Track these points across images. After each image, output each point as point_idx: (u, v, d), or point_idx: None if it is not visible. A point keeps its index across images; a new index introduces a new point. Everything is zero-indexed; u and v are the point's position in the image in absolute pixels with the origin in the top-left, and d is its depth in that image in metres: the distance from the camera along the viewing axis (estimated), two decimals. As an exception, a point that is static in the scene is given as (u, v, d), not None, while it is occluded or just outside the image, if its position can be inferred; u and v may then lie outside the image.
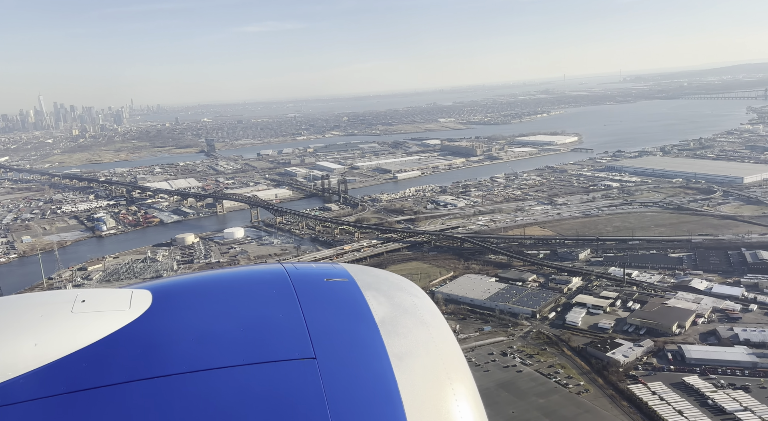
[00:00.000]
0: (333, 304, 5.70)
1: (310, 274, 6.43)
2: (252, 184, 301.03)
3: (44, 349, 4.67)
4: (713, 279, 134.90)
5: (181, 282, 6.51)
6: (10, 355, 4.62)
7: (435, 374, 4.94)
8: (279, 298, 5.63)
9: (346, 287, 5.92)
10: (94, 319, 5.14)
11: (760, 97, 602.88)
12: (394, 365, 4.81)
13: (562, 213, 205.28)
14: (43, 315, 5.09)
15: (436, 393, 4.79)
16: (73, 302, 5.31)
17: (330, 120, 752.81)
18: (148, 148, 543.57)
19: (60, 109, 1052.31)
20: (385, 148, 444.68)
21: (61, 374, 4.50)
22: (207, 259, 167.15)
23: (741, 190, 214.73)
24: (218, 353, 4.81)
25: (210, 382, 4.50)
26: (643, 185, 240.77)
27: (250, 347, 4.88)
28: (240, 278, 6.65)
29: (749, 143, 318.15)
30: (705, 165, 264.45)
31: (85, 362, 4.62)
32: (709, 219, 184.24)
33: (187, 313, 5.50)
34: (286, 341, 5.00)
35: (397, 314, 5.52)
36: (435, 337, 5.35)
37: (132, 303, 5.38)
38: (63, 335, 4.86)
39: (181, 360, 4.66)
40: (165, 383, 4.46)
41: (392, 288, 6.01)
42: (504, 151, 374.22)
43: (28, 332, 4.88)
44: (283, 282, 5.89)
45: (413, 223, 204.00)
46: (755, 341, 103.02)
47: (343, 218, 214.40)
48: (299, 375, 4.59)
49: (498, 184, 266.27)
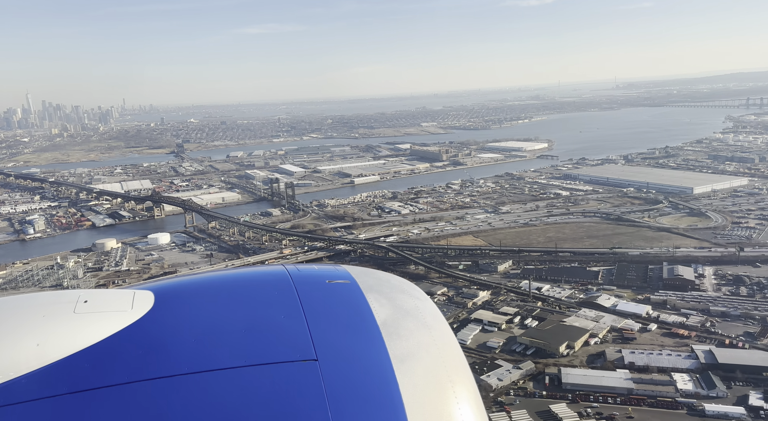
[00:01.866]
0: (335, 306, 5.68)
1: (312, 276, 6.38)
2: (205, 187, 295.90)
3: (46, 349, 4.67)
4: (624, 295, 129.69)
5: (183, 283, 6.49)
6: (13, 355, 4.62)
7: (436, 376, 4.93)
8: (281, 300, 5.62)
9: (348, 288, 5.92)
10: (96, 319, 5.14)
11: (742, 106, 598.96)
12: (395, 367, 4.79)
13: (503, 222, 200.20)
14: (46, 315, 5.10)
15: (437, 395, 4.77)
16: (76, 303, 5.31)
17: (314, 123, 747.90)
18: (121, 148, 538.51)
19: (48, 107, 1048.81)
20: (355, 151, 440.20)
21: (63, 374, 4.51)
22: (117, 266, 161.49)
23: (688, 202, 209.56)
24: (220, 354, 4.81)
25: (212, 383, 4.50)
26: (592, 194, 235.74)
27: (252, 349, 4.88)
28: (242, 279, 6.64)
29: (713, 153, 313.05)
30: (660, 175, 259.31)
31: (88, 362, 4.63)
32: (645, 231, 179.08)
33: (189, 314, 5.49)
34: (288, 343, 4.99)
35: (398, 316, 5.51)
36: (436, 339, 5.33)
37: (134, 304, 5.39)
38: (65, 335, 4.87)
39: (183, 361, 4.66)
40: (167, 383, 4.45)
41: (394, 290, 6.01)
42: (470, 157, 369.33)
43: (30, 332, 4.87)
44: (285, 284, 5.89)
45: (350, 230, 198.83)
46: (639, 364, 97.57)
47: (279, 224, 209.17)
48: (301, 377, 4.58)
49: (451, 191, 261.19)
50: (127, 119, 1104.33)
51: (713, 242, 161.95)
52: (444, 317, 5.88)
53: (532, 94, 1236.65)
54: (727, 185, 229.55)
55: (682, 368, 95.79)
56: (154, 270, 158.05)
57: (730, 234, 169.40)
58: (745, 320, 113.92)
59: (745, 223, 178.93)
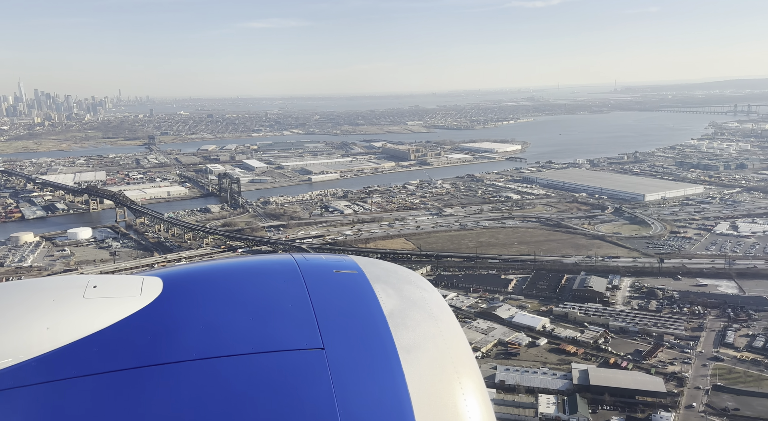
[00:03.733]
0: (342, 295, 5.69)
1: (319, 265, 6.35)
2: (158, 180, 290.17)
3: (57, 333, 4.73)
4: (529, 306, 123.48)
5: (191, 270, 6.59)
6: (24, 338, 4.70)
7: (443, 367, 4.94)
8: (288, 288, 5.64)
9: (355, 278, 5.91)
10: (105, 304, 5.19)
11: (730, 113, 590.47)
12: (401, 358, 4.82)
13: (442, 225, 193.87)
14: (56, 300, 5.17)
15: (443, 386, 4.79)
16: (85, 288, 5.35)
17: (300, 118, 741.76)
18: (98, 138, 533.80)
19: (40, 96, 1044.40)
20: (328, 148, 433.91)
21: (73, 358, 4.57)
22: (21, 262, 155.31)
23: (634, 209, 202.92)
24: (227, 341, 4.85)
25: (218, 369, 4.56)
26: (543, 198, 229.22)
27: (259, 336, 4.91)
28: (250, 268, 6.56)
29: (679, 160, 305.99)
30: (617, 180, 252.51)
31: (97, 346, 4.69)
32: (579, 238, 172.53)
33: (197, 301, 5.51)
34: (294, 331, 5.01)
35: (405, 306, 5.50)
36: (443, 330, 5.33)
37: (143, 290, 5.42)
38: (75, 319, 4.92)
39: (190, 347, 4.72)
40: (174, 369, 4.51)
41: (401, 281, 5.97)
42: (438, 157, 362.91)
43: (41, 316, 4.93)
44: (293, 273, 5.90)
45: (283, 229, 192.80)
46: (510, 383, 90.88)
47: (214, 221, 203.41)
48: (307, 365, 4.64)
49: (405, 192, 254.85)
50: (120, 110, 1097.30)
51: (642, 252, 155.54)
52: (450, 309, 5.81)
53: (528, 95, 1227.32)
54: (681, 193, 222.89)
55: (552, 389, 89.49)
56: (58, 267, 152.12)
57: (664, 244, 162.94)
58: (642, 336, 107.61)
59: (684, 232, 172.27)
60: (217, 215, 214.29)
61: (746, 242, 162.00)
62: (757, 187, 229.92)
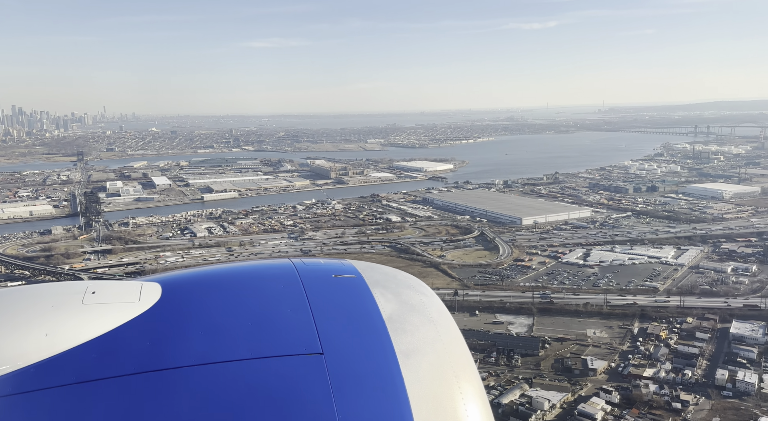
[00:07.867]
0: (341, 300, 5.60)
1: (318, 270, 6.27)
2: (43, 198, 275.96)
3: (55, 339, 4.69)
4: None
5: (190, 276, 6.47)
6: (23, 344, 4.65)
7: (442, 372, 4.90)
8: (287, 293, 5.56)
9: (354, 283, 5.81)
10: (104, 310, 5.15)
11: (690, 134, 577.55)
12: (401, 362, 4.77)
13: (289, 250, 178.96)
14: (54, 305, 5.11)
15: (442, 391, 4.75)
16: (84, 293, 5.30)
17: (264, 135, 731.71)
18: (38, 154, 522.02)
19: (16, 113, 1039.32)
20: (258, 165, 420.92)
21: (71, 364, 4.52)
22: None
23: (502, 233, 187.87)
24: (226, 346, 4.81)
25: (217, 375, 4.52)
26: (423, 221, 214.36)
27: (258, 342, 4.86)
28: (249, 272, 6.52)
29: (593, 182, 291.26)
30: (506, 202, 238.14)
31: (95, 353, 4.65)
32: (416, 265, 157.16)
33: (195, 306, 5.44)
34: (293, 336, 4.97)
35: (404, 311, 5.43)
36: (442, 335, 5.28)
37: (142, 295, 5.37)
38: (74, 325, 4.88)
39: (189, 353, 4.67)
40: (173, 375, 4.48)
41: (400, 285, 5.90)
42: (358, 176, 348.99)
43: (39, 322, 4.88)
44: (292, 277, 5.81)
45: (108, 255, 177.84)
46: None
47: (35, 245, 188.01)
48: (306, 370, 4.59)
49: (289, 212, 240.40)
50: (101, 127, 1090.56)
51: (463, 283, 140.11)
52: (450, 314, 5.75)
53: (509, 115, 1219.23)
54: (564, 217, 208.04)
55: None
56: None
57: (498, 273, 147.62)
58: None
59: (529, 260, 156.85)
60: (53, 237, 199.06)
61: (585, 271, 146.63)
62: (647, 212, 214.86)
